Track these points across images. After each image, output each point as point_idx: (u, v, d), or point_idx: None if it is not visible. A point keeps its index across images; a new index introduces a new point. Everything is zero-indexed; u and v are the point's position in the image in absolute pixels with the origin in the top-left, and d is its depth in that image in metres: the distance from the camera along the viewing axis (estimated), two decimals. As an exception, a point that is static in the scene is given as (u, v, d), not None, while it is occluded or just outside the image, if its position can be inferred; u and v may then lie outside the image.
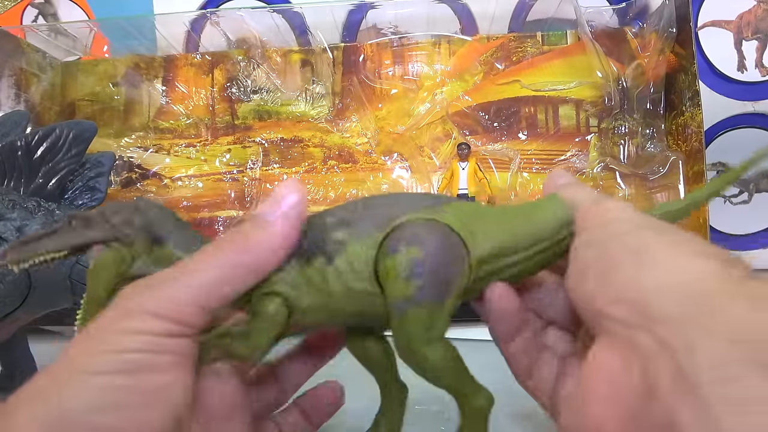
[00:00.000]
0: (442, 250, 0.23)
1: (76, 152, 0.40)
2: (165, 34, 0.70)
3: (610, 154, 0.65)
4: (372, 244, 0.23)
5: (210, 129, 0.70)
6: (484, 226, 0.24)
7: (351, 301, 0.24)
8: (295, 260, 0.24)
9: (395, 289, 0.22)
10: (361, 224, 0.24)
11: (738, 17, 0.70)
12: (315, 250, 0.24)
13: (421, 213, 0.24)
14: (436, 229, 0.23)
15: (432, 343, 0.23)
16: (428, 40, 0.69)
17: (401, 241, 0.23)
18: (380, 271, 0.23)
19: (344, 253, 0.23)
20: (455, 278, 0.23)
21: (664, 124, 0.64)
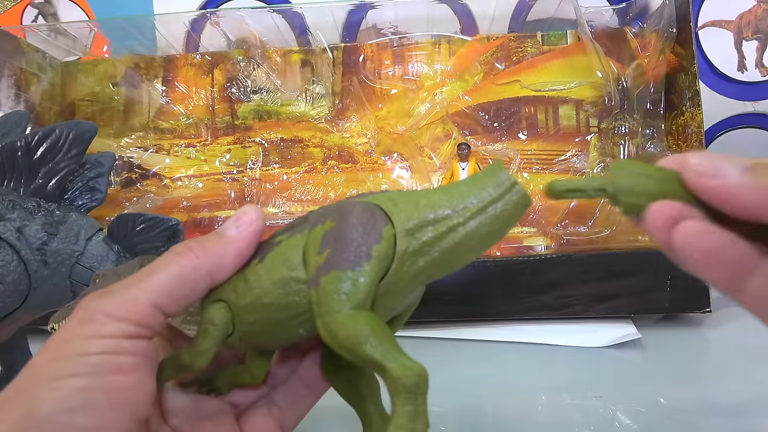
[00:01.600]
0: (355, 218, 0.22)
1: (76, 152, 0.40)
2: (165, 34, 0.70)
3: (610, 154, 0.65)
4: (303, 236, 0.23)
5: (210, 129, 0.70)
6: (413, 196, 0.23)
7: (282, 292, 0.23)
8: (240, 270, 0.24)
9: (309, 265, 0.22)
10: (303, 224, 0.24)
11: (738, 17, 0.70)
12: (255, 254, 0.24)
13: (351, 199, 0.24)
14: (351, 205, 0.23)
15: (347, 312, 0.21)
16: (428, 40, 0.69)
17: (316, 218, 0.23)
18: (304, 255, 0.23)
19: (278, 248, 0.23)
20: (371, 243, 0.22)
21: (664, 124, 0.64)
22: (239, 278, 0.24)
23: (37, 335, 0.46)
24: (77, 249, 0.38)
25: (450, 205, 0.22)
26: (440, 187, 0.24)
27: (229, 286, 0.24)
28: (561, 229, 0.63)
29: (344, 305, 0.21)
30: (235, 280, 0.24)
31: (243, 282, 0.23)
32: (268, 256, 0.23)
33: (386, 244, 0.22)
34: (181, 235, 0.42)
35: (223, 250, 0.24)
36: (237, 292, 0.24)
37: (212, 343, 0.23)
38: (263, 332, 0.24)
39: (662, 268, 0.52)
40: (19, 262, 0.36)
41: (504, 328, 0.52)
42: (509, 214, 0.22)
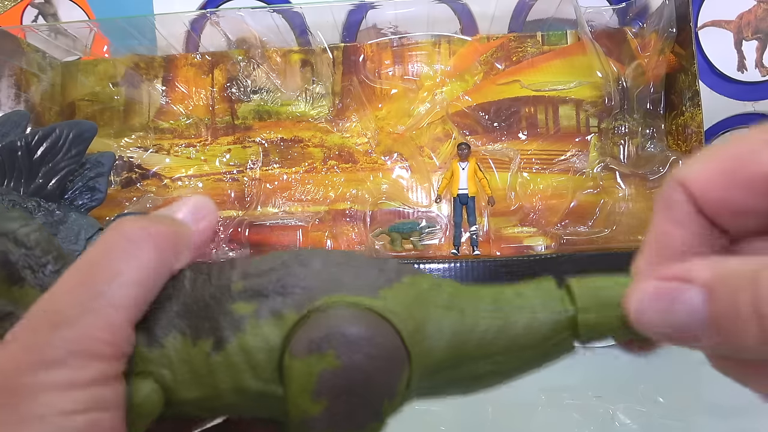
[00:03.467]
0: (368, 359, 0.16)
1: (76, 152, 0.40)
2: (165, 34, 0.70)
3: (610, 154, 0.65)
4: (279, 329, 0.16)
5: (210, 129, 0.70)
6: (444, 316, 0.17)
7: (245, 404, 0.17)
8: (179, 334, 0.17)
9: (297, 404, 0.16)
10: (276, 296, 0.17)
11: (738, 17, 0.70)
12: (204, 327, 0.17)
13: (353, 297, 0.17)
14: (365, 325, 0.16)
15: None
16: (428, 40, 0.69)
17: (313, 338, 0.16)
18: (284, 369, 0.16)
19: (241, 336, 0.17)
20: (384, 398, 0.16)
21: (664, 124, 0.64)
22: (180, 357, 0.17)
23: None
24: (77, 249, 0.38)
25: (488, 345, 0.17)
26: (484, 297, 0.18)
27: (161, 358, 0.17)
28: (561, 229, 0.63)
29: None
30: (173, 353, 0.17)
31: (186, 367, 0.17)
32: (228, 347, 0.17)
33: (399, 399, 0.17)
34: None
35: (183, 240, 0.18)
36: (175, 377, 0.17)
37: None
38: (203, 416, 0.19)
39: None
40: (19, 261, 0.36)
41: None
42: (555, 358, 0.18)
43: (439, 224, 0.65)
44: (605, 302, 0.17)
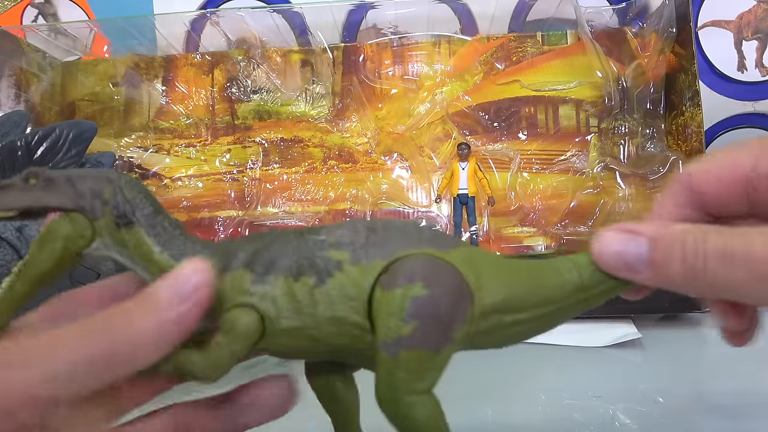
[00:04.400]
0: (447, 291, 0.20)
1: (76, 152, 0.40)
2: (165, 34, 0.70)
3: (610, 154, 0.65)
4: (371, 272, 0.21)
5: (210, 129, 0.70)
6: (494, 274, 0.22)
7: (336, 332, 0.21)
8: (281, 275, 0.21)
9: (388, 328, 0.20)
10: (365, 248, 0.21)
11: (738, 17, 0.70)
12: (306, 266, 0.21)
13: (427, 249, 0.21)
14: (443, 267, 0.21)
15: (418, 395, 0.20)
16: (428, 40, 0.69)
17: (403, 274, 0.20)
18: (374, 303, 0.20)
19: (339, 275, 0.21)
20: (457, 325, 0.20)
21: (664, 124, 0.64)
22: (284, 293, 0.21)
23: (37, 335, 0.46)
24: (77, 249, 0.38)
25: (522, 299, 0.22)
26: (522, 266, 0.23)
27: (264, 294, 0.21)
28: (561, 229, 0.63)
29: (419, 386, 0.20)
30: (277, 290, 0.21)
31: (289, 299, 0.21)
32: (330, 283, 0.21)
33: (467, 327, 0.21)
34: None
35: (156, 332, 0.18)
36: (278, 308, 0.21)
37: (235, 359, 0.20)
38: (292, 354, 0.22)
39: (662, 268, 0.52)
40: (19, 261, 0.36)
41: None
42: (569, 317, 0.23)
43: (439, 224, 0.65)
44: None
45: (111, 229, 0.21)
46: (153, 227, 0.22)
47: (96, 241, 0.21)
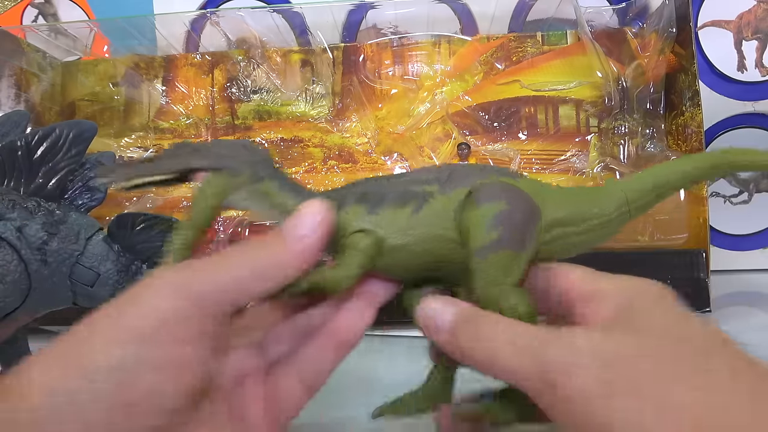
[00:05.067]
0: (523, 207, 0.26)
1: (76, 152, 0.40)
2: (165, 34, 0.70)
3: (610, 154, 0.65)
4: (457, 197, 0.26)
5: (210, 129, 0.70)
6: (553, 196, 0.27)
7: (432, 247, 0.26)
8: (387, 207, 0.26)
9: (480, 237, 0.25)
10: (449, 182, 0.27)
11: (738, 17, 0.70)
12: (405, 198, 0.26)
13: (503, 178, 0.27)
14: (516, 189, 0.26)
15: (509, 286, 0.25)
16: (428, 40, 0.69)
17: (487, 195, 0.26)
18: (464, 222, 0.26)
19: (432, 202, 0.26)
20: (532, 234, 0.26)
21: (664, 124, 0.64)
22: (390, 219, 0.26)
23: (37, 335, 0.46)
24: (77, 248, 0.38)
25: (579, 214, 0.27)
26: (573, 190, 0.29)
27: (375, 221, 0.26)
28: (561, 229, 0.63)
29: (507, 280, 0.25)
30: (386, 218, 0.26)
31: (395, 224, 0.26)
32: (425, 209, 0.26)
33: (537, 239, 0.26)
34: None
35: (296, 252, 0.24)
36: (387, 231, 0.26)
37: (359, 271, 0.25)
38: (398, 268, 0.27)
39: (662, 268, 0.52)
40: (19, 261, 0.36)
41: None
42: (614, 232, 0.29)
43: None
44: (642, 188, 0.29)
45: (248, 183, 0.26)
46: (281, 180, 0.27)
47: (237, 194, 0.26)
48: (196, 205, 0.26)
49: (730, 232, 0.71)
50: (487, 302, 0.25)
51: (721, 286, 0.61)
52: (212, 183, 0.26)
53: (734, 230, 0.71)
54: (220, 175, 0.26)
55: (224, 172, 0.26)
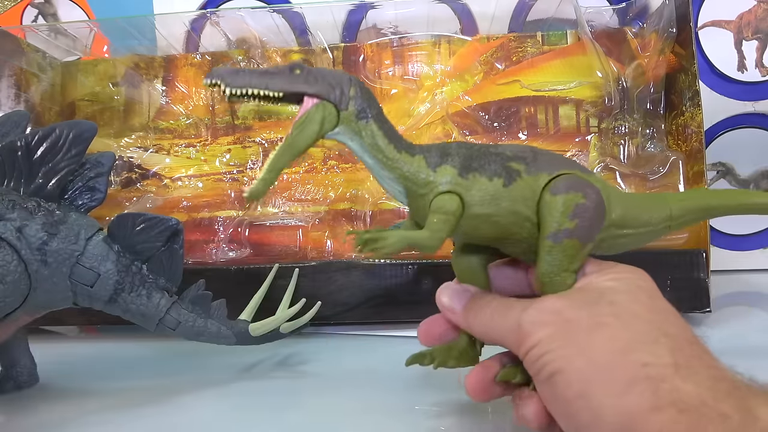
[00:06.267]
0: (597, 204, 0.28)
1: (76, 152, 0.40)
2: (165, 34, 0.70)
3: (610, 154, 0.65)
4: (540, 181, 0.28)
5: (210, 129, 0.70)
6: (616, 198, 0.30)
7: (512, 221, 0.28)
8: (478, 173, 0.28)
9: (557, 223, 0.27)
10: (534, 164, 0.29)
11: (738, 17, 0.70)
12: (498, 172, 0.28)
13: (581, 174, 0.29)
14: (592, 186, 0.28)
15: (569, 274, 0.28)
16: (428, 40, 0.69)
17: (569, 185, 0.28)
18: (542, 204, 0.28)
19: (520, 180, 0.28)
20: (598, 229, 0.28)
21: (664, 124, 0.64)
22: (479, 187, 0.28)
23: (37, 335, 0.46)
24: (77, 249, 0.38)
25: (632, 219, 0.30)
26: (632, 196, 0.32)
27: (465, 186, 0.28)
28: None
29: (570, 266, 0.28)
30: (476, 185, 0.28)
31: (484, 193, 0.28)
32: (513, 185, 0.28)
33: (600, 234, 0.29)
34: (182, 234, 0.42)
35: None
36: (474, 198, 0.28)
37: (448, 231, 0.28)
38: (469, 233, 0.29)
39: (662, 268, 0.52)
40: (19, 261, 0.36)
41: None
42: (653, 240, 0.31)
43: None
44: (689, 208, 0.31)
45: (351, 120, 0.28)
46: (382, 123, 0.29)
47: (338, 127, 0.28)
48: (301, 129, 0.27)
49: (730, 232, 0.71)
50: (549, 284, 0.28)
51: (721, 286, 0.61)
52: (320, 111, 0.27)
53: (734, 230, 0.71)
54: (327, 105, 0.27)
55: (333, 103, 0.27)
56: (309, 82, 0.27)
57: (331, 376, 0.45)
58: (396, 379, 0.42)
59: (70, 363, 0.50)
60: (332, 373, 0.45)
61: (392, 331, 0.55)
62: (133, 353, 0.53)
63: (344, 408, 0.37)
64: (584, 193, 0.28)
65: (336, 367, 0.47)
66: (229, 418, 0.37)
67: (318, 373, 0.45)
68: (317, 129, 0.28)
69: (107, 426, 0.36)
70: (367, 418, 0.35)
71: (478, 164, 0.28)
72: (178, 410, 0.38)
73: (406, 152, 0.29)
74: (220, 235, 0.66)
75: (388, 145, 0.29)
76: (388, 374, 0.43)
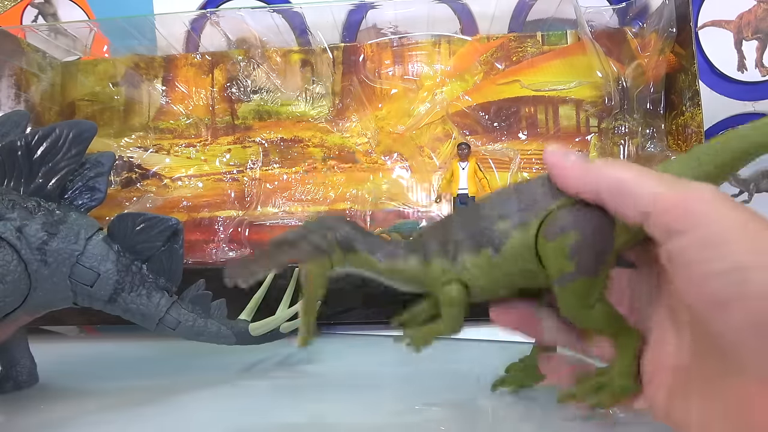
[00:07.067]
0: (594, 231, 0.27)
1: (76, 152, 0.40)
2: (165, 34, 0.70)
3: (610, 154, 0.65)
4: (530, 231, 0.28)
5: (210, 129, 0.70)
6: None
7: (516, 279, 0.29)
8: (468, 254, 0.29)
9: (557, 267, 0.27)
10: (519, 212, 0.28)
11: (738, 17, 0.70)
12: (483, 241, 0.28)
13: (568, 200, 0.27)
14: (583, 211, 0.27)
15: (590, 308, 0.27)
16: (428, 40, 0.69)
17: (558, 227, 0.27)
18: (540, 252, 0.28)
19: (509, 241, 0.28)
20: (606, 253, 0.27)
21: (664, 124, 0.64)
22: (473, 264, 0.29)
23: (37, 335, 0.46)
24: (77, 248, 0.38)
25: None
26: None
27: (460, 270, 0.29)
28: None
29: (587, 302, 0.27)
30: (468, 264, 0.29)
31: (478, 269, 0.29)
32: (503, 249, 0.28)
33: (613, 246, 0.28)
34: (181, 234, 0.42)
35: None
36: (472, 275, 0.29)
37: (461, 315, 0.29)
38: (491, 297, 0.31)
39: (662, 268, 0.52)
40: (19, 261, 0.36)
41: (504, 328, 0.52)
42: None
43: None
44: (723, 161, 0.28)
45: (341, 257, 0.30)
46: (368, 244, 0.30)
47: (336, 267, 0.30)
48: (309, 288, 0.30)
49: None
50: (574, 320, 0.28)
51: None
52: (315, 267, 0.30)
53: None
54: (318, 259, 0.30)
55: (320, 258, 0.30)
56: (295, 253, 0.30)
57: (331, 376, 0.45)
58: (396, 379, 0.42)
59: (70, 363, 0.50)
60: (332, 373, 0.45)
61: (392, 331, 0.55)
62: (133, 353, 0.53)
63: (344, 408, 0.37)
64: (576, 228, 0.26)
65: (336, 367, 0.47)
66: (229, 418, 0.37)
67: (318, 373, 0.45)
68: (321, 281, 0.30)
69: (107, 426, 0.36)
70: (367, 418, 0.35)
71: (464, 243, 0.29)
72: (178, 410, 0.38)
73: (400, 259, 0.30)
74: (220, 235, 0.66)
75: (380, 263, 0.30)
76: (388, 374, 0.43)
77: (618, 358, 0.29)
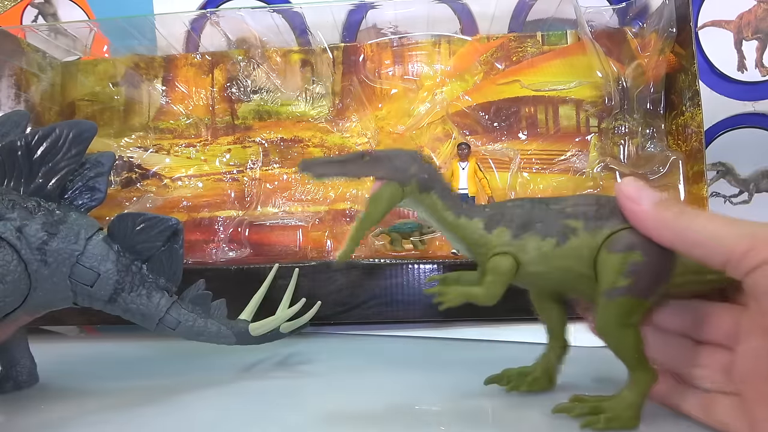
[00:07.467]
0: (659, 260, 0.28)
1: (76, 152, 0.39)
2: (165, 34, 0.70)
3: (610, 154, 0.65)
4: (599, 237, 0.29)
5: (210, 129, 0.70)
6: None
7: (567, 277, 0.30)
8: (531, 234, 0.30)
9: (612, 280, 0.28)
10: (595, 218, 0.29)
11: (738, 17, 0.70)
12: (551, 230, 0.30)
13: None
14: (656, 245, 0.28)
15: (627, 328, 0.28)
16: (428, 40, 0.69)
17: (626, 243, 0.28)
18: (599, 260, 0.29)
19: (575, 239, 0.29)
20: (662, 282, 0.28)
21: (664, 124, 0.64)
22: (534, 247, 0.30)
23: (37, 335, 0.46)
24: (77, 248, 0.38)
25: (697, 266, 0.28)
26: None
27: (519, 246, 0.30)
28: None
29: (626, 321, 0.28)
30: (530, 245, 0.30)
31: (537, 252, 0.30)
32: (567, 244, 0.29)
33: (667, 284, 0.29)
34: (181, 234, 0.42)
35: None
36: (530, 258, 0.30)
37: (501, 288, 0.30)
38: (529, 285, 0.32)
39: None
40: (19, 261, 0.36)
41: (505, 328, 0.52)
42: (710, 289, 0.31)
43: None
44: None
45: (414, 193, 0.31)
46: (442, 192, 0.32)
47: (405, 200, 0.31)
48: (374, 206, 0.31)
49: None
50: (606, 337, 0.29)
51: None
52: (388, 191, 0.31)
53: None
54: (394, 184, 0.31)
55: (397, 182, 0.31)
56: (376, 168, 0.31)
57: (331, 376, 0.45)
58: (396, 379, 0.42)
59: (70, 363, 0.50)
60: (332, 373, 0.45)
61: (392, 331, 0.55)
62: (133, 353, 0.53)
63: (344, 408, 0.37)
64: (643, 250, 0.28)
65: (336, 367, 0.47)
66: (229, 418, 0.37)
67: (318, 373, 0.45)
68: (386, 204, 0.31)
69: (107, 426, 0.36)
70: (367, 418, 0.35)
71: (533, 224, 0.30)
72: (178, 410, 0.38)
73: (465, 216, 0.32)
74: (220, 235, 0.66)
75: (447, 212, 0.32)
76: (388, 374, 0.43)
77: (629, 390, 0.29)
